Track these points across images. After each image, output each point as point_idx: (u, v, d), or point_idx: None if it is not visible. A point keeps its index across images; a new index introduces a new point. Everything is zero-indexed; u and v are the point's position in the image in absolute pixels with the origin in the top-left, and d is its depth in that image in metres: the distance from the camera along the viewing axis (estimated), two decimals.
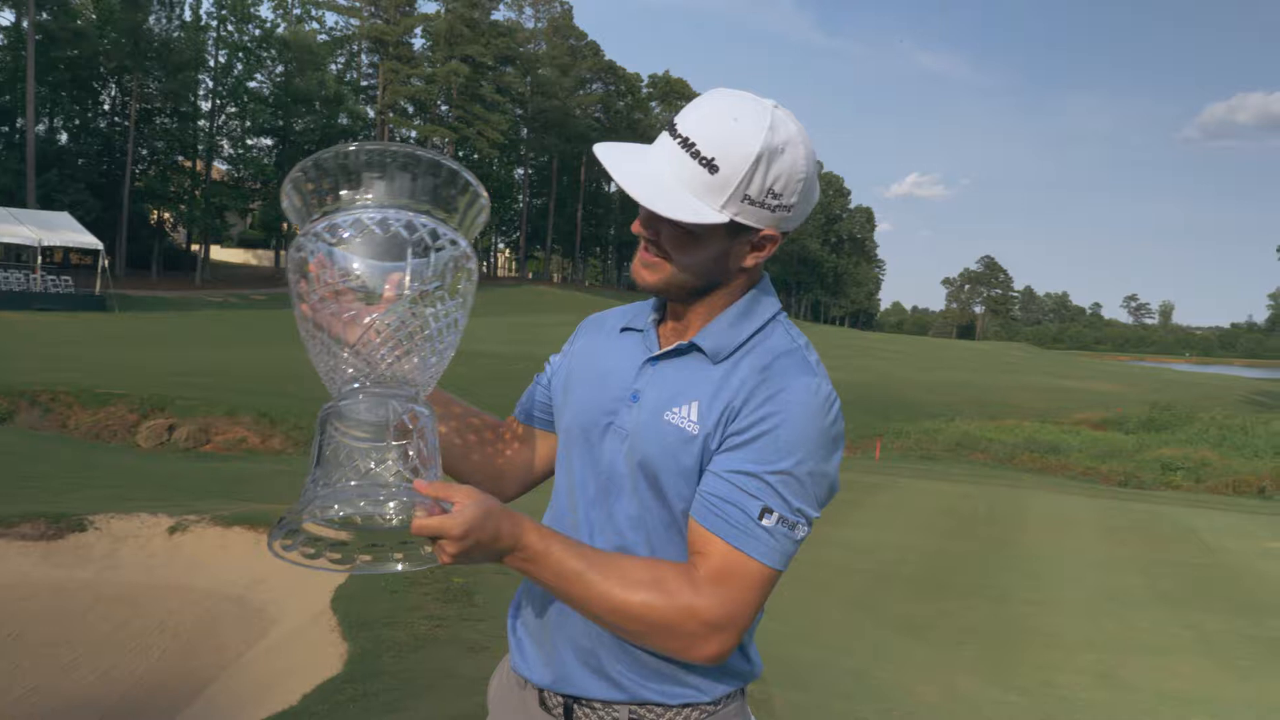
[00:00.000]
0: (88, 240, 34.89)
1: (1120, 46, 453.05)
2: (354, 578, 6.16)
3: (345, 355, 1.19)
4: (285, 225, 57.90)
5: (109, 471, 12.93)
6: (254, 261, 67.86)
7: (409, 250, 1.16)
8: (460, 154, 72.94)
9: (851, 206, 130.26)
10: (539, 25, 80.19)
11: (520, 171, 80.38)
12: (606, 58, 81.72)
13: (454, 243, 1.20)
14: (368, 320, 1.17)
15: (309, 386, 22.75)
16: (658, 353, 1.41)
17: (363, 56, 68.77)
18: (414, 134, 69.33)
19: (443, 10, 67.86)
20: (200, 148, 52.54)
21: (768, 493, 1.26)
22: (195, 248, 55.59)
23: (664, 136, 1.30)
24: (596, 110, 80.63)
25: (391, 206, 1.17)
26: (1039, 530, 12.04)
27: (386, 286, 1.17)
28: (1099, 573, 9.64)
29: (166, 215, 53.26)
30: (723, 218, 1.27)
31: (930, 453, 24.61)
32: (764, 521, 1.25)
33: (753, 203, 1.28)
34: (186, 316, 36.10)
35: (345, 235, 1.16)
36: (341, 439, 1.18)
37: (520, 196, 79.86)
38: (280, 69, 55.13)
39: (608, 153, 1.30)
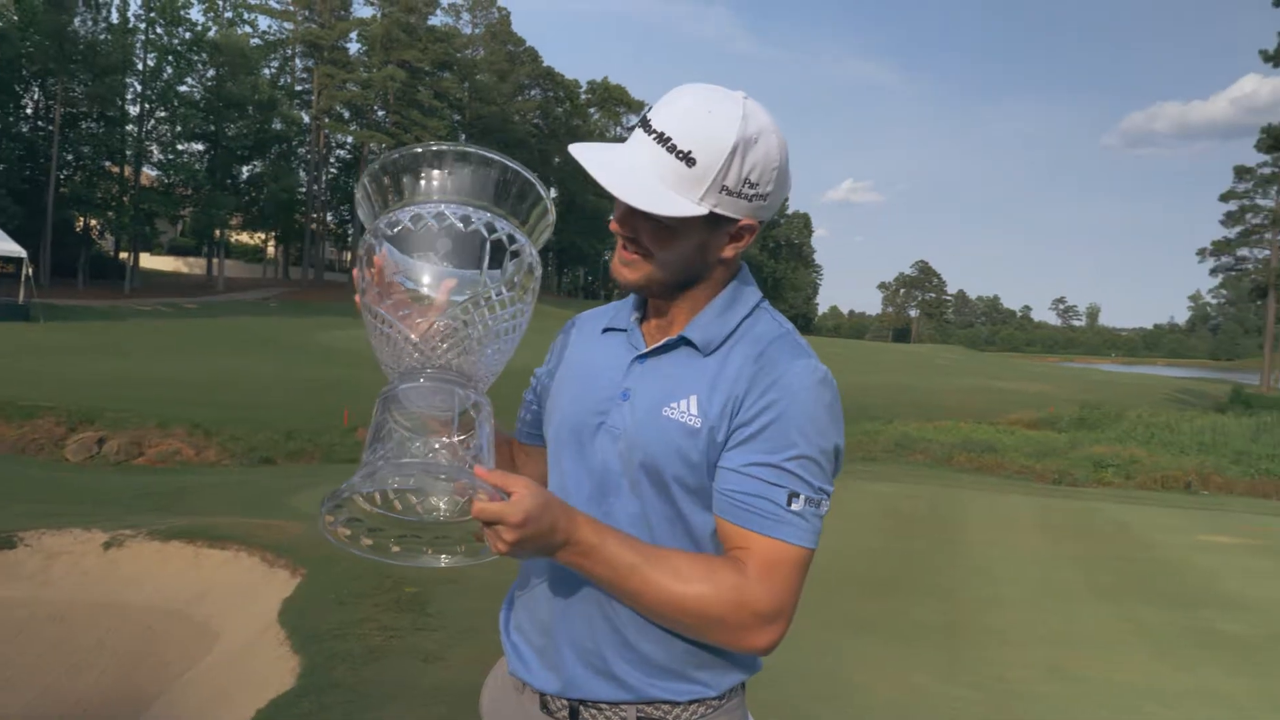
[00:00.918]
0: (10, 248, 33.72)
1: (1045, 56, 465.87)
2: (301, 590, 6.03)
3: (408, 348, 1.19)
4: (218, 232, 56.74)
5: (37, 486, 12.51)
6: (185, 269, 66.31)
7: (486, 248, 1.18)
8: None
9: (789, 212, 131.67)
10: (476, 31, 79.75)
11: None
12: (545, 64, 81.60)
13: (526, 247, 1.22)
14: (434, 319, 1.18)
15: (245, 396, 22.32)
16: (646, 350, 1.41)
17: (297, 61, 67.69)
18: (350, 139, 68.44)
19: (378, 15, 67.08)
20: (128, 153, 51.19)
21: (790, 479, 1.27)
22: (124, 255, 54.16)
23: (638, 133, 1.30)
24: (535, 116, 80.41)
25: (473, 205, 1.18)
26: (980, 528, 12.24)
27: (452, 289, 1.18)
28: (1040, 569, 9.83)
29: (93, 222, 51.77)
30: (702, 210, 1.28)
31: (870, 454, 24.92)
32: (793, 507, 1.27)
33: (730, 193, 1.28)
34: (115, 326, 35.07)
35: (428, 226, 1.17)
36: (401, 418, 1.19)
37: None
38: (211, 73, 54.02)
39: (584, 152, 1.29)
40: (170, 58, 51.49)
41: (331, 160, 72.20)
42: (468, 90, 74.42)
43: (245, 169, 59.97)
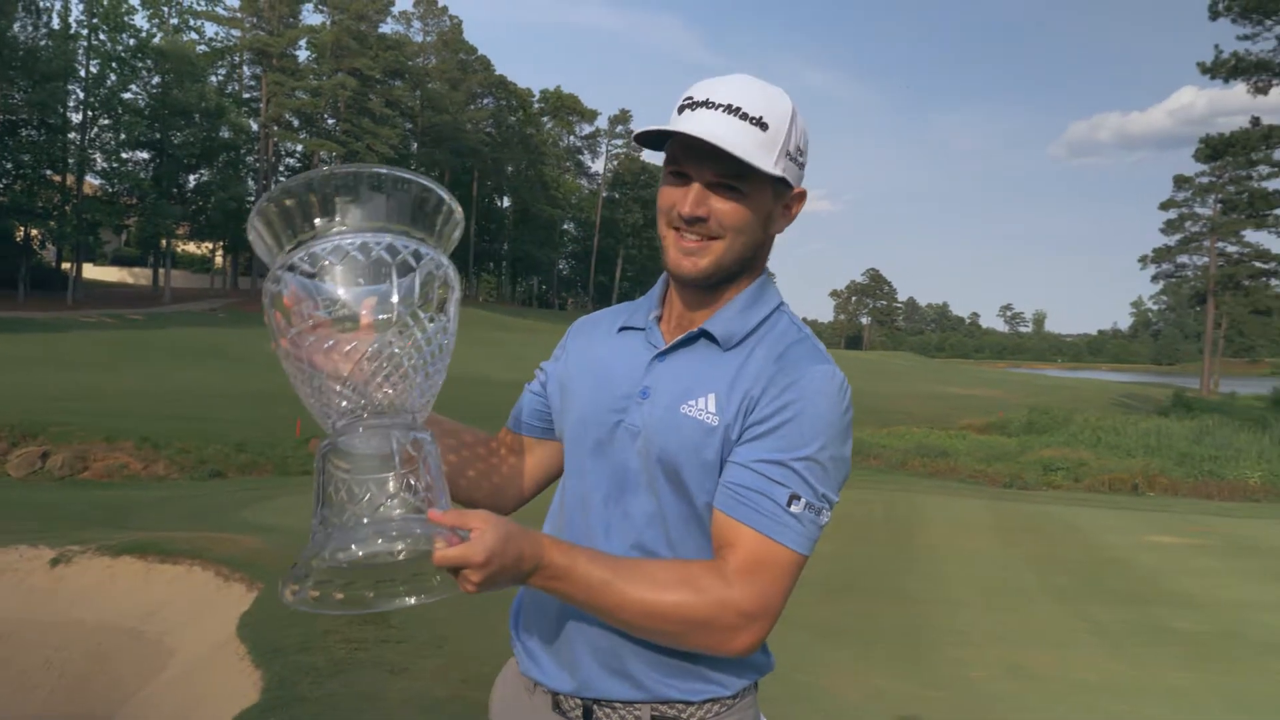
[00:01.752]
0: None
1: (992, 68, 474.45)
2: (260, 604, 5.93)
3: (337, 388, 1.14)
4: (165, 241, 55.65)
5: None
6: (130, 280, 64.89)
7: (394, 273, 1.12)
8: None
9: None
10: (428, 39, 79.21)
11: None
12: (497, 73, 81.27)
13: (436, 261, 1.17)
14: (355, 348, 1.12)
15: (194, 408, 21.90)
16: (665, 347, 1.40)
17: (245, 68, 66.67)
18: (300, 147, 67.55)
19: (328, 22, 66.36)
20: (70, 161, 49.98)
21: (794, 479, 1.26)
22: (66, 266, 52.86)
23: (700, 112, 1.29)
24: (488, 125, 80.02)
25: (369, 230, 1.13)
26: (935, 532, 12.41)
27: (372, 312, 1.12)
28: (995, 570, 9.99)
29: (34, 232, 50.39)
30: (778, 171, 1.31)
31: None
32: (792, 508, 1.26)
33: (791, 159, 1.33)
34: (58, 338, 34.22)
35: (326, 263, 1.11)
36: (344, 475, 1.13)
37: None
38: (157, 80, 52.93)
39: (670, 126, 1.30)
40: (114, 64, 50.33)
41: (281, 169, 71.12)
42: (419, 99, 73.86)
43: (192, 177, 58.82)
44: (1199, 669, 6.38)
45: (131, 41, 50.82)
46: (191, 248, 69.81)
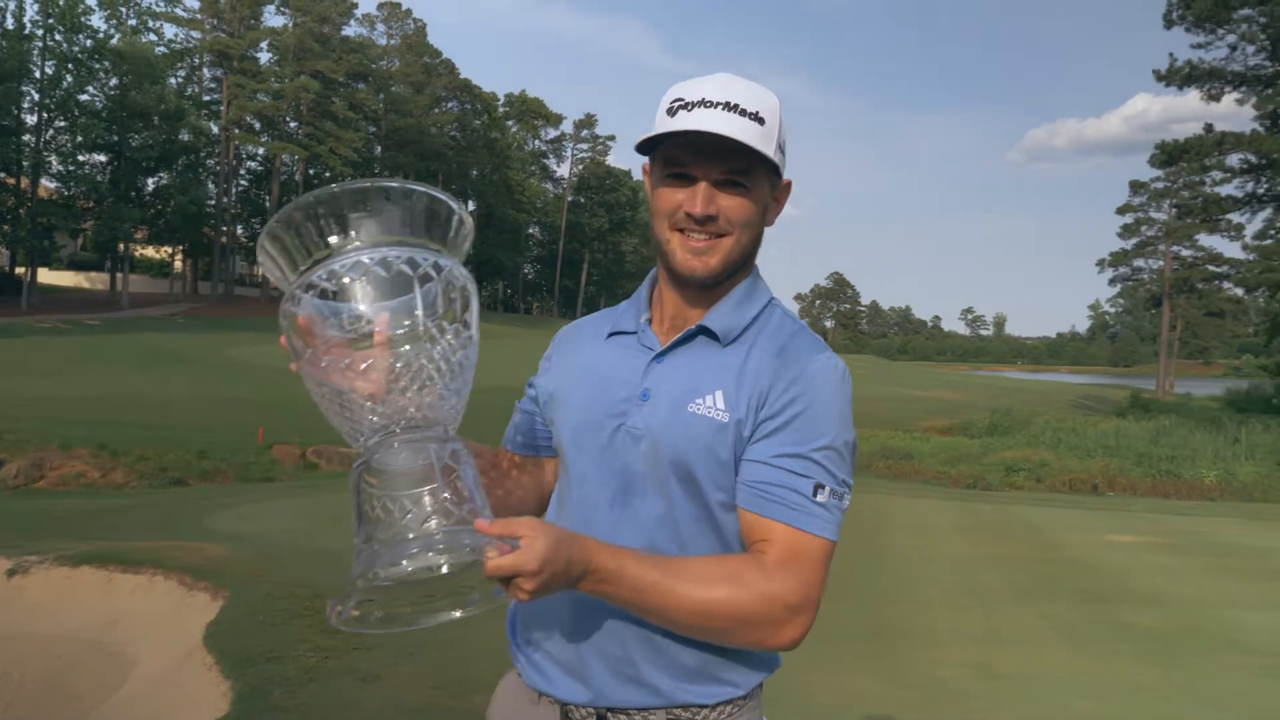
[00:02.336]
0: None
1: (951, 74, 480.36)
2: (226, 613, 5.86)
3: (368, 406, 1.13)
4: (122, 246, 54.76)
5: None
6: (86, 285, 63.76)
7: (417, 285, 1.12)
8: (311, 171, 70.68)
9: None
10: (392, 42, 78.71)
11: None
12: (462, 76, 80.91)
13: (455, 271, 1.17)
14: (378, 365, 1.12)
15: (153, 415, 21.56)
16: (663, 347, 1.41)
17: (205, 70, 65.84)
18: (261, 150, 66.81)
19: (290, 24, 65.70)
20: (25, 164, 49.02)
21: (816, 470, 1.29)
22: (20, 270, 51.83)
23: (699, 112, 1.30)
24: (453, 129, 79.64)
25: (386, 245, 1.13)
26: (901, 532, 12.52)
27: (395, 327, 1.12)
28: (960, 570, 10.09)
29: None
30: (779, 162, 1.36)
31: None
32: (819, 498, 1.28)
33: (780, 150, 1.36)
34: (12, 344, 33.56)
35: (347, 280, 1.11)
36: (382, 492, 1.13)
37: None
38: (114, 82, 52.11)
39: (679, 123, 1.31)
40: (70, 65, 49.51)
41: (242, 172, 70.38)
42: (383, 102, 73.37)
43: (151, 181, 58.00)
44: (1161, 665, 6.48)
45: (88, 42, 49.99)
46: (150, 252, 68.77)
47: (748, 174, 1.33)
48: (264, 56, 66.25)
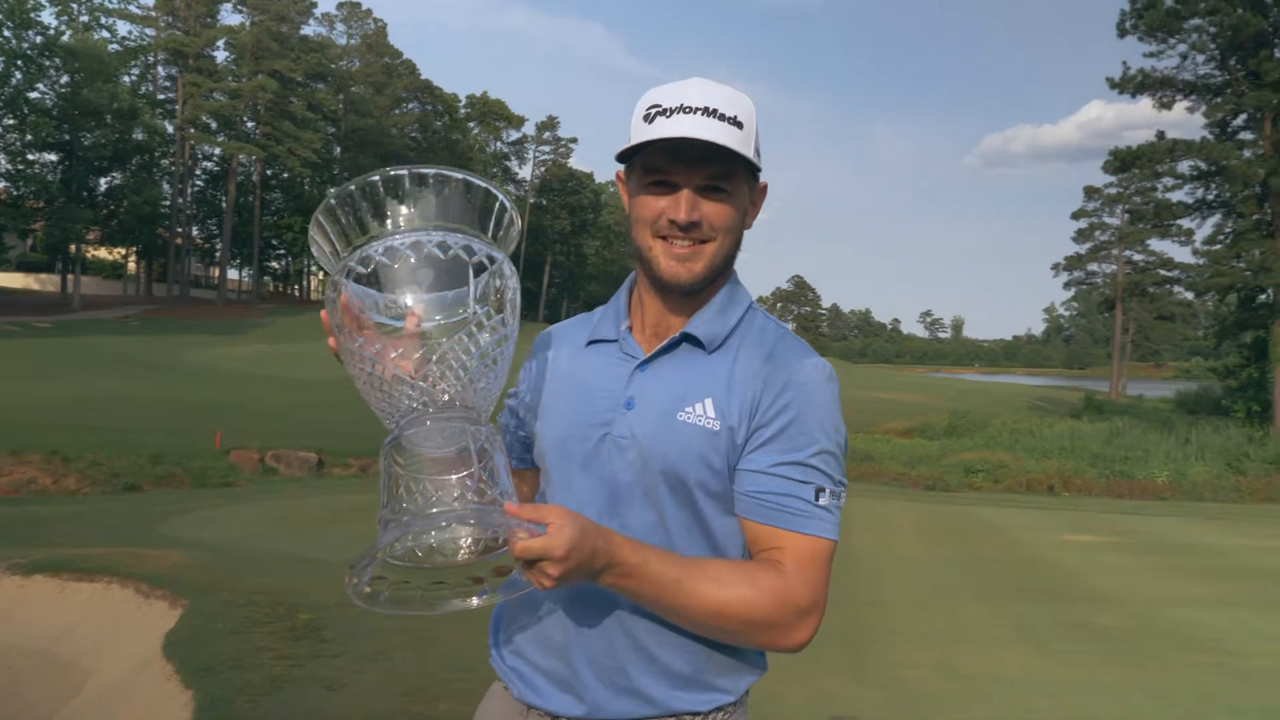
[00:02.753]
0: None
1: (910, 81, 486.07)
2: (185, 621, 5.75)
3: (409, 390, 1.13)
4: (74, 247, 53.66)
5: None
6: (36, 286, 62.42)
7: (470, 273, 1.13)
8: (269, 172, 69.82)
9: None
10: (351, 42, 78.01)
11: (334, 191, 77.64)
12: (423, 77, 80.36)
13: (505, 264, 1.18)
14: (423, 350, 1.13)
15: (106, 420, 21.15)
16: (647, 356, 1.40)
17: (159, 68, 64.77)
18: (218, 151, 65.85)
19: (247, 23, 64.82)
20: None
21: (816, 475, 1.31)
22: None
23: (678, 118, 1.30)
24: (413, 130, 79.08)
25: (442, 229, 1.14)
26: (864, 534, 12.62)
27: (445, 314, 1.13)
28: (923, 571, 10.20)
29: None
30: (759, 164, 1.36)
31: None
32: (820, 501, 1.30)
33: (758, 153, 1.36)
34: None
35: (401, 259, 1.11)
36: (413, 471, 1.13)
37: None
38: (66, 79, 51.08)
39: (663, 130, 1.30)
40: (19, 62, 48.42)
41: (198, 172, 69.31)
42: (343, 102, 72.66)
43: (103, 180, 56.93)
44: (1120, 663, 6.59)
45: (38, 39, 48.89)
46: (103, 253, 67.48)
47: (729, 179, 1.33)
48: (220, 55, 65.36)
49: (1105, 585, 9.70)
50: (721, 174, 1.32)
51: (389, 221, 1.13)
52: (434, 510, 1.09)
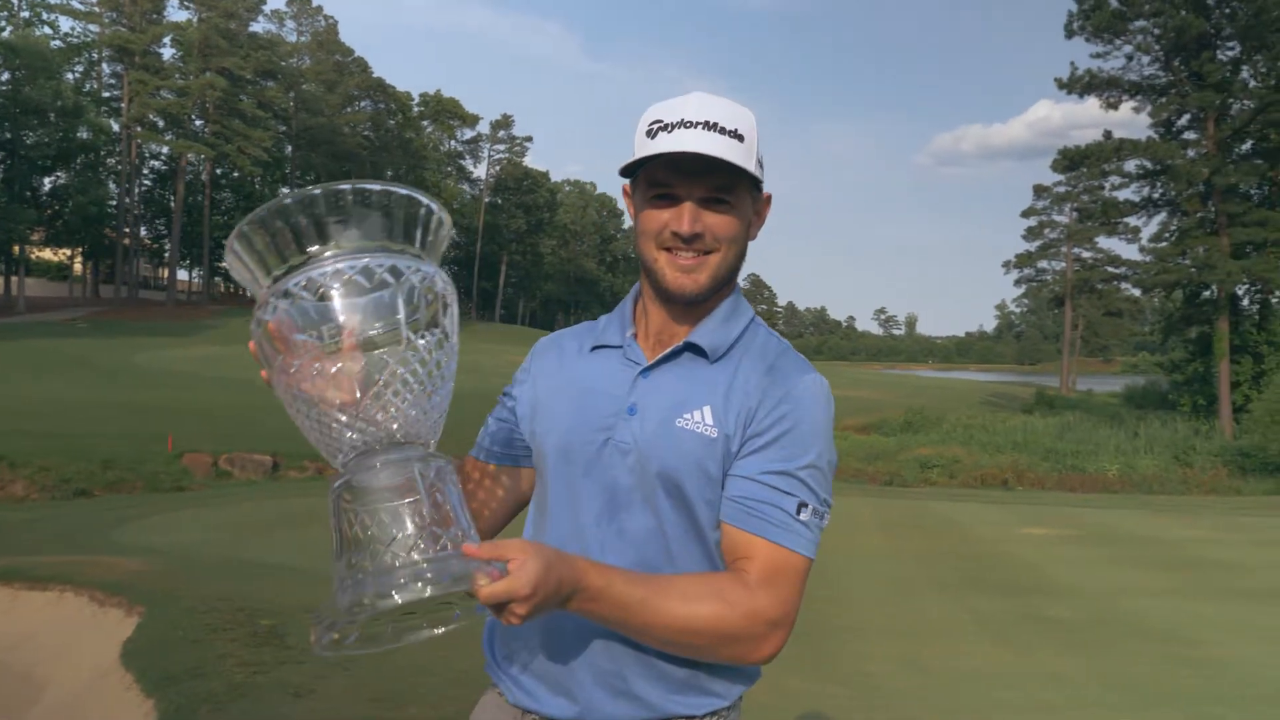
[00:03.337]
0: None
1: (862, 80, 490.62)
2: (143, 630, 5.65)
3: (342, 419, 1.08)
4: (17, 248, 52.37)
5: None
6: None
7: (399, 295, 1.07)
8: (219, 171, 68.67)
9: (625, 227, 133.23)
10: (302, 39, 76.94)
11: (286, 191, 76.24)
12: (375, 75, 79.51)
13: (436, 277, 1.13)
14: (350, 372, 1.07)
15: (54, 424, 20.65)
16: (650, 362, 1.41)
17: (104, 65, 63.37)
18: (165, 149, 64.62)
19: (194, 19, 63.64)
20: None
21: (800, 488, 1.30)
22: None
23: (679, 132, 1.32)
24: (366, 128, 78.20)
25: (367, 251, 1.08)
26: (825, 530, 12.72)
27: (373, 327, 1.08)
28: (884, 566, 10.31)
29: None
30: (760, 176, 1.38)
31: None
32: (801, 516, 1.30)
33: (760, 165, 1.38)
34: None
35: (325, 289, 1.05)
36: (364, 516, 1.08)
37: None
38: (6, 76, 49.80)
39: (664, 145, 1.31)
40: None
41: (145, 171, 67.94)
42: (293, 100, 71.64)
43: (47, 180, 55.59)
44: (1077, 654, 6.72)
45: None
46: (48, 254, 65.92)
47: (731, 191, 1.34)
48: (167, 52, 64.07)
49: (1061, 577, 9.89)
50: (723, 186, 1.33)
51: (311, 247, 1.06)
52: (394, 566, 1.04)
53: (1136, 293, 53.70)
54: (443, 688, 4.39)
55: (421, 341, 1.10)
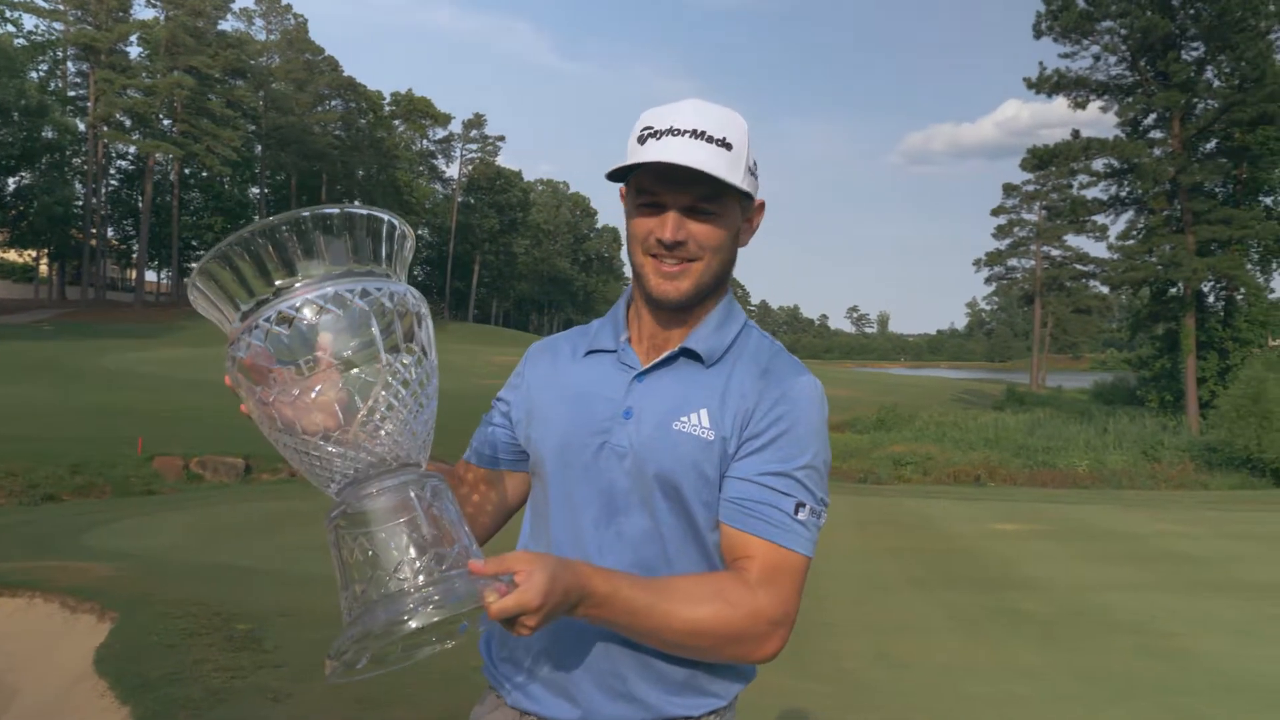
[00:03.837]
0: None
1: (833, 80, 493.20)
2: (117, 635, 5.59)
3: (330, 448, 1.08)
4: None
5: None
6: None
7: (373, 320, 1.06)
8: (187, 171, 67.94)
9: (598, 226, 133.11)
10: (271, 38, 76.23)
11: (255, 191, 75.91)
12: (346, 74, 78.91)
13: (408, 296, 1.12)
14: (330, 397, 1.06)
15: (21, 428, 20.35)
16: (645, 367, 1.43)
17: (70, 64, 62.49)
18: (133, 149, 63.82)
19: (161, 18, 62.87)
20: None
21: (798, 488, 1.32)
22: None
23: (667, 139, 1.32)
24: (337, 128, 77.58)
25: (332, 278, 1.06)
26: None
27: (347, 348, 1.06)
28: (858, 563, 10.38)
29: None
30: (746, 188, 1.36)
31: None
32: (799, 516, 1.32)
33: (751, 173, 1.38)
34: None
35: (297, 319, 1.04)
36: (364, 543, 1.08)
37: (256, 217, 75.34)
38: None
39: (647, 153, 1.32)
40: None
41: (112, 171, 67.11)
42: (263, 99, 71.00)
43: (11, 180, 54.85)
44: (1050, 649, 6.81)
45: None
46: (12, 256, 64.92)
47: (716, 200, 1.35)
48: (134, 51, 63.32)
49: (1033, 572, 9.99)
50: (708, 195, 1.34)
51: (277, 279, 1.05)
52: (402, 592, 1.04)
53: (1105, 290, 54.37)
54: (426, 689, 4.39)
55: (400, 363, 1.09)
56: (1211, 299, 36.56)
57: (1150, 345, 41.11)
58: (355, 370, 1.06)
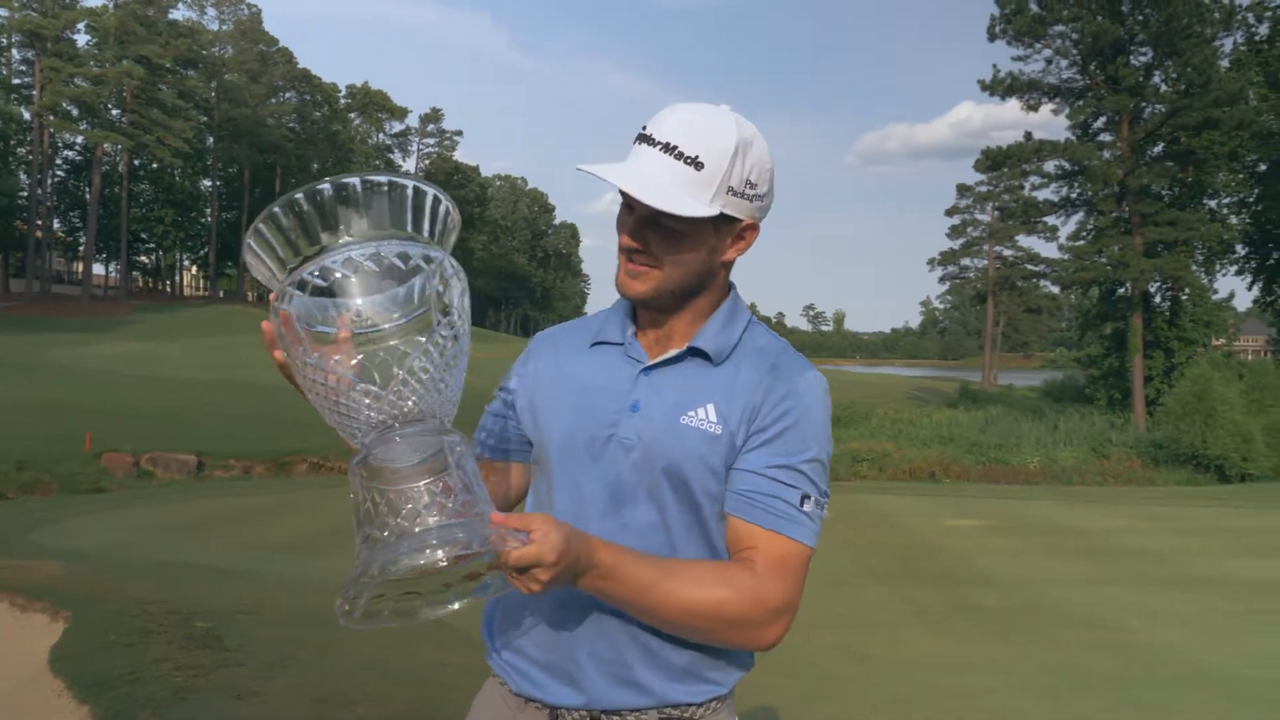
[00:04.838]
0: None
1: (789, 79, 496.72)
2: (71, 635, 5.46)
3: (365, 403, 1.11)
4: None
5: None
6: None
7: (412, 279, 1.10)
8: (137, 162, 66.61)
9: (556, 223, 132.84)
10: (224, 28, 75.00)
11: (208, 183, 74.63)
12: (300, 66, 77.86)
13: (446, 262, 1.15)
14: (367, 359, 1.09)
15: None
16: (653, 362, 1.43)
17: (14, 51, 60.96)
18: (80, 139, 62.42)
19: (110, 5, 61.54)
20: None
21: (804, 481, 1.35)
22: None
23: (642, 148, 1.34)
24: (291, 120, 76.54)
25: (376, 239, 1.11)
26: None
27: (390, 317, 1.09)
28: (819, 558, 10.25)
29: None
30: (713, 211, 1.33)
31: None
32: (805, 507, 1.34)
33: (735, 194, 1.35)
34: None
35: (338, 276, 1.08)
36: (387, 488, 1.11)
37: (208, 210, 74.13)
38: None
39: (595, 169, 1.33)
40: None
41: (59, 162, 65.58)
42: (215, 90, 69.83)
43: None
44: (1010, 642, 6.91)
45: None
46: None
47: (675, 216, 1.33)
48: (82, 38, 61.91)
49: (990, 567, 10.14)
50: (666, 211, 1.31)
51: (324, 237, 1.11)
52: (420, 529, 1.08)
53: (1055, 290, 55.52)
54: (389, 686, 4.34)
55: (436, 320, 1.12)
56: (1158, 299, 37.42)
57: (1099, 344, 41.98)
58: (393, 329, 1.09)
